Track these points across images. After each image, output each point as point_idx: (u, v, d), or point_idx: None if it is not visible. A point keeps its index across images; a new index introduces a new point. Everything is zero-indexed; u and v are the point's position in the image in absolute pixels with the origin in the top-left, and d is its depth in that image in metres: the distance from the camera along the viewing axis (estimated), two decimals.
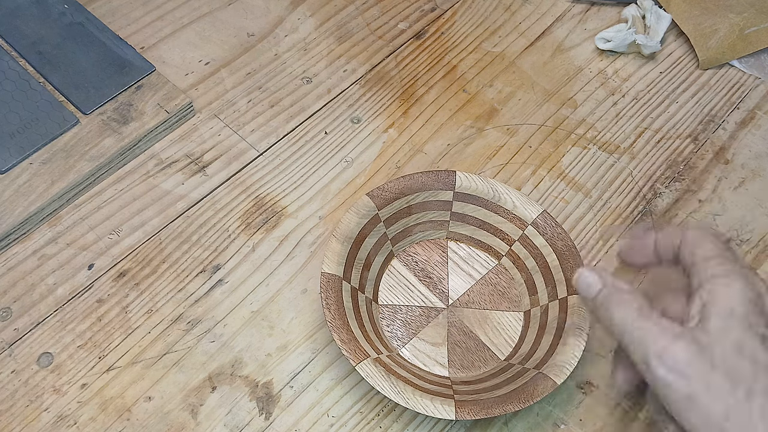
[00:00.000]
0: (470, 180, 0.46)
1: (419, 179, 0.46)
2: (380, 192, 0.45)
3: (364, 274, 0.45)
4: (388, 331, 0.45)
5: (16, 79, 0.53)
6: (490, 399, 0.39)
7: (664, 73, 0.58)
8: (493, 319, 0.46)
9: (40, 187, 0.49)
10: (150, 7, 0.60)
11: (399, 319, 0.45)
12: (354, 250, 0.44)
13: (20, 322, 0.45)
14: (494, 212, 0.47)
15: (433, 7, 0.62)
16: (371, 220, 0.45)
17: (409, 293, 0.46)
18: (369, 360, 0.40)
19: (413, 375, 0.41)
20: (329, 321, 0.41)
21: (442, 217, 0.47)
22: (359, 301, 0.44)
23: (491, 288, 0.47)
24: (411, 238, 0.48)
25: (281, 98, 0.56)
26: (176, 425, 0.42)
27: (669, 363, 0.33)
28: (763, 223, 0.51)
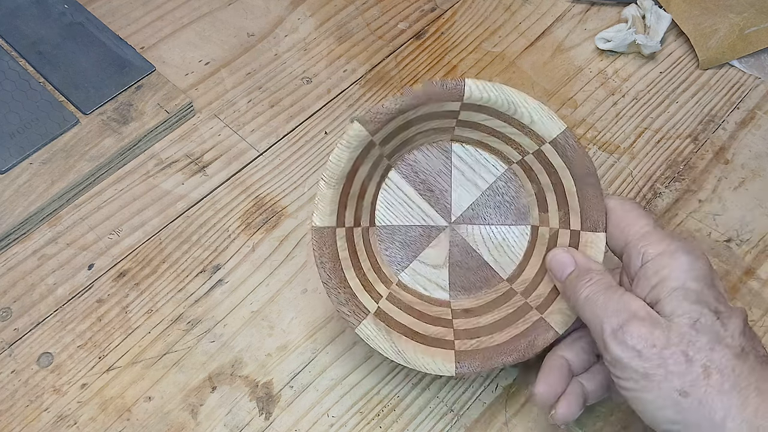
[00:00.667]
0: (482, 90, 0.40)
1: (420, 94, 0.40)
2: (373, 116, 0.39)
3: (359, 204, 0.41)
4: (387, 255, 0.42)
5: (16, 79, 0.53)
6: (490, 348, 0.38)
7: (664, 73, 0.58)
8: (498, 234, 0.42)
9: (40, 187, 0.49)
10: (150, 7, 0.60)
11: (398, 240, 0.42)
12: (347, 188, 0.40)
13: (20, 322, 0.45)
14: (508, 123, 0.41)
15: (433, 7, 0.62)
16: (364, 149, 0.40)
17: (408, 211, 0.42)
18: (369, 318, 0.38)
19: (415, 315, 0.40)
20: (324, 281, 0.39)
21: (447, 124, 0.42)
22: (355, 239, 0.41)
23: (498, 198, 0.43)
24: (411, 146, 0.42)
25: (281, 98, 0.56)
26: (176, 425, 0.42)
27: (624, 341, 0.33)
28: (763, 223, 0.51)
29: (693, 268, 0.34)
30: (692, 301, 0.33)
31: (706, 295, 0.34)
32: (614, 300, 0.35)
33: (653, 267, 0.35)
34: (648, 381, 0.32)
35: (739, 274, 0.49)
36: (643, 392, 0.33)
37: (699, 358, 0.32)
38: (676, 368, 0.32)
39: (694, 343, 0.32)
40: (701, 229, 0.50)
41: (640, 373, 0.32)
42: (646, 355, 0.32)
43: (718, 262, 0.49)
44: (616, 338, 0.33)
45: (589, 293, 0.35)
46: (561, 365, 0.38)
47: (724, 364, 0.32)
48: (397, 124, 0.40)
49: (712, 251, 0.50)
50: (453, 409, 0.43)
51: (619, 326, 0.33)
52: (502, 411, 0.43)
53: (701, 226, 0.51)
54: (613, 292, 0.35)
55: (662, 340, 0.32)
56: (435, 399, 0.43)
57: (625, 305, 0.34)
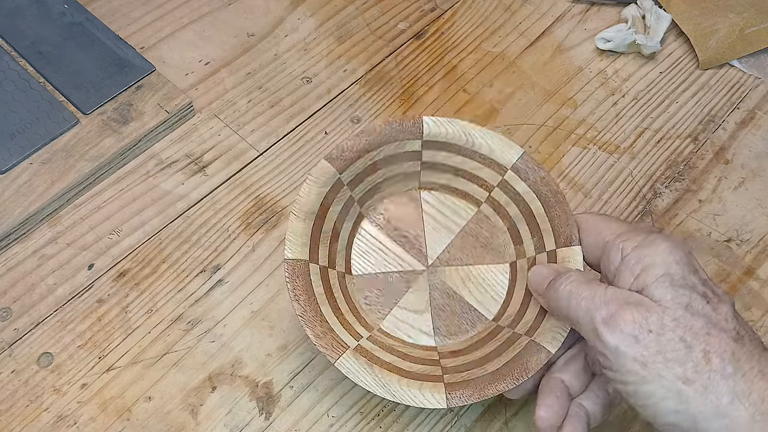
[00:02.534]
0: (439, 125, 0.41)
1: (382, 132, 0.41)
2: (340, 153, 0.40)
3: (332, 247, 0.41)
4: (366, 304, 0.41)
5: (16, 79, 0.53)
6: (482, 378, 0.37)
7: (664, 73, 0.58)
8: (478, 275, 0.42)
9: (40, 187, 0.49)
10: (150, 7, 0.60)
11: (376, 288, 0.42)
12: (318, 224, 0.40)
13: (20, 322, 0.45)
14: (469, 158, 0.42)
15: (433, 7, 0.62)
16: (333, 187, 0.41)
17: (384, 258, 0.42)
18: (349, 352, 0.37)
19: (397, 356, 0.38)
20: (300, 314, 0.37)
21: (412, 168, 0.42)
22: (330, 280, 0.40)
23: (473, 240, 0.43)
24: (380, 194, 0.43)
25: (281, 98, 0.56)
26: (176, 425, 0.42)
27: (619, 328, 0.32)
28: (763, 223, 0.51)
29: (674, 253, 0.33)
30: (680, 285, 0.32)
31: (692, 280, 0.33)
32: (600, 290, 0.34)
33: (635, 257, 0.34)
34: (647, 370, 0.31)
35: (739, 274, 0.49)
36: (643, 384, 0.31)
37: (697, 343, 0.31)
38: (676, 354, 0.31)
39: (690, 328, 0.31)
40: (701, 229, 0.50)
41: (638, 361, 0.31)
42: (644, 342, 0.31)
43: (718, 262, 0.49)
44: (609, 326, 0.32)
45: (571, 288, 0.35)
46: (559, 387, 0.37)
47: (723, 348, 0.31)
48: (364, 164, 0.41)
49: (712, 251, 0.50)
50: (453, 409, 0.43)
51: (610, 314, 0.32)
52: (502, 411, 0.43)
53: (701, 226, 0.51)
54: (597, 285, 0.34)
55: (657, 324, 0.31)
56: None
57: (613, 294, 0.33)
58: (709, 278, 0.34)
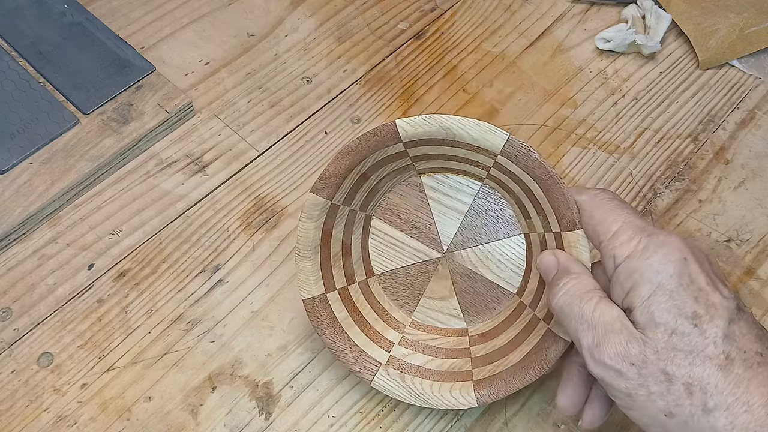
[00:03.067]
0: (415, 125, 0.39)
1: (359, 147, 0.39)
2: (324, 183, 0.40)
3: (346, 262, 0.42)
4: (394, 300, 0.43)
5: (16, 79, 0.53)
6: (507, 371, 0.38)
7: (664, 73, 0.58)
8: (495, 251, 0.42)
9: (40, 187, 0.49)
10: (150, 7, 0.60)
11: (400, 283, 0.43)
12: (325, 254, 0.41)
13: (20, 322, 0.45)
14: (457, 147, 0.40)
15: (433, 7, 0.62)
16: (329, 213, 0.40)
17: (401, 252, 0.43)
18: (381, 370, 0.39)
19: (429, 353, 0.40)
20: (330, 347, 0.40)
21: (403, 163, 0.41)
22: (353, 297, 0.41)
23: (483, 217, 0.42)
24: (381, 192, 0.43)
25: (281, 98, 0.56)
26: (176, 425, 0.42)
27: (603, 361, 0.32)
28: (763, 223, 0.51)
29: (664, 268, 0.32)
30: (666, 309, 0.32)
31: (682, 298, 0.32)
32: (588, 311, 0.33)
33: (624, 271, 0.33)
34: (632, 400, 0.32)
35: (739, 274, 0.49)
36: (631, 410, 0.32)
37: (679, 375, 0.31)
38: (657, 388, 0.31)
39: (672, 359, 0.31)
40: (701, 229, 0.50)
41: (623, 392, 0.32)
42: (626, 375, 0.31)
43: (718, 262, 0.49)
44: (594, 358, 0.32)
45: (563, 304, 0.34)
46: (578, 373, 0.37)
47: (706, 380, 0.30)
48: (353, 180, 0.40)
49: (712, 251, 0.50)
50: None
51: (595, 343, 0.32)
52: (502, 411, 0.43)
53: (701, 226, 0.51)
54: (588, 300, 0.34)
55: (639, 357, 0.31)
56: None
57: (600, 317, 0.33)
58: (713, 278, 0.33)
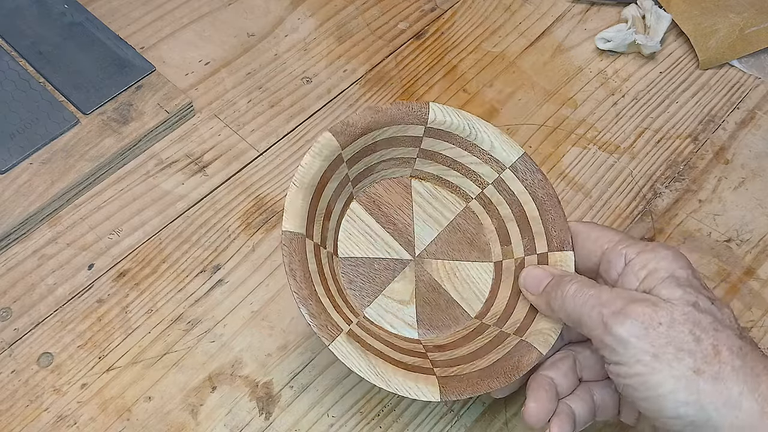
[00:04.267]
0: (445, 114, 0.41)
1: (388, 112, 0.40)
2: (344, 127, 0.39)
3: (325, 224, 0.40)
4: (351, 289, 0.40)
5: (16, 79, 0.53)
6: (474, 373, 0.36)
7: (664, 73, 0.58)
8: (463, 270, 0.42)
9: (40, 187, 0.49)
10: (150, 7, 0.60)
11: (362, 273, 0.40)
12: (315, 200, 0.39)
13: (20, 322, 0.45)
14: (469, 152, 0.42)
15: (433, 7, 0.62)
16: (333, 162, 0.39)
17: (371, 242, 0.41)
18: (343, 335, 0.36)
19: (385, 344, 0.37)
20: (295, 291, 0.35)
21: (409, 154, 0.42)
22: (322, 259, 0.39)
23: (460, 235, 0.42)
24: (372, 177, 0.42)
25: (281, 98, 0.56)
26: (176, 425, 0.42)
27: (629, 319, 0.32)
28: (763, 223, 0.51)
29: (677, 259, 0.35)
30: (686, 285, 0.33)
31: (696, 283, 0.34)
32: (606, 290, 0.34)
33: (639, 262, 0.35)
34: (658, 361, 0.31)
35: (739, 274, 0.49)
36: (653, 374, 0.32)
37: (706, 336, 0.32)
38: (686, 346, 0.31)
39: (698, 323, 0.32)
40: (701, 229, 0.50)
41: (648, 352, 0.32)
42: (654, 333, 0.32)
43: (718, 262, 0.49)
44: (619, 318, 0.32)
45: (576, 289, 0.35)
46: (548, 384, 0.37)
47: (732, 343, 0.32)
48: (365, 143, 0.40)
49: (712, 251, 0.50)
50: (453, 409, 0.43)
51: (619, 309, 0.33)
52: (502, 411, 0.43)
53: (701, 226, 0.51)
54: (601, 286, 0.35)
55: (667, 318, 0.32)
56: None
57: (620, 292, 0.34)
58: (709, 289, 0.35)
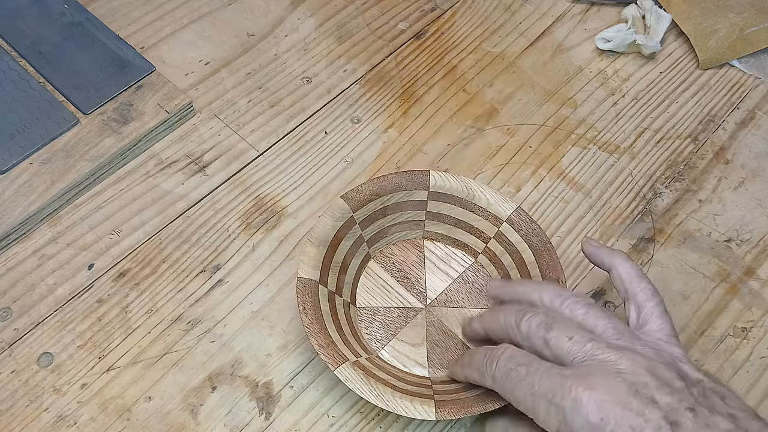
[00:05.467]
0: (444, 179, 0.46)
1: (393, 180, 0.46)
2: (354, 194, 0.45)
3: (341, 277, 0.45)
4: (367, 334, 0.44)
5: (16, 79, 0.53)
6: (470, 398, 0.39)
7: (664, 73, 0.58)
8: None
9: (40, 187, 0.49)
10: (150, 7, 0.60)
11: (377, 321, 0.45)
12: (330, 254, 0.44)
13: (20, 322, 0.45)
14: (469, 210, 0.47)
15: (433, 7, 0.62)
16: (346, 223, 0.45)
17: (386, 294, 0.46)
18: (348, 364, 0.40)
19: (393, 377, 0.41)
20: (306, 326, 0.40)
21: (418, 216, 0.47)
22: (336, 305, 0.43)
23: (468, 286, 0.47)
24: (387, 239, 0.47)
25: (281, 98, 0.56)
26: (176, 425, 0.42)
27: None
28: (763, 223, 0.51)
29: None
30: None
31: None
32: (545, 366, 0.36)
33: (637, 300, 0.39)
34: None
35: (739, 274, 0.49)
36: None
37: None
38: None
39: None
40: (701, 229, 0.50)
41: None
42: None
43: (718, 262, 0.49)
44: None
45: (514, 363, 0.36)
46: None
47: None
48: (375, 207, 0.46)
49: (712, 251, 0.50)
50: None
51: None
52: None
53: (701, 226, 0.51)
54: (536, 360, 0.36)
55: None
56: None
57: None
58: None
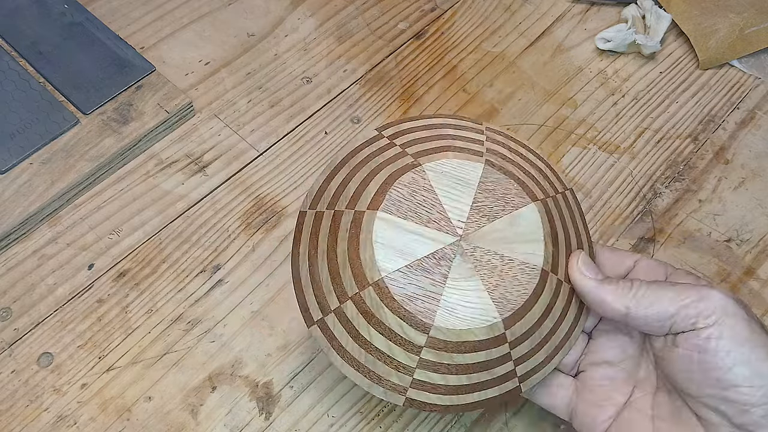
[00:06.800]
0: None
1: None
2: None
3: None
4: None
5: (16, 79, 0.53)
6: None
7: (664, 73, 0.58)
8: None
9: (40, 187, 0.49)
10: (150, 7, 0.60)
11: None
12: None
13: (20, 322, 0.45)
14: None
15: (433, 7, 0.62)
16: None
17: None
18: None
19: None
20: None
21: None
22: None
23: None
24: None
25: (281, 98, 0.56)
26: (176, 425, 0.42)
27: (719, 290, 0.33)
28: (763, 223, 0.51)
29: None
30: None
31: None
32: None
33: (683, 271, 0.37)
34: (751, 326, 0.33)
35: (739, 274, 0.49)
36: (751, 336, 0.33)
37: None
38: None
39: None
40: (701, 229, 0.50)
41: (744, 318, 0.33)
42: (741, 303, 0.34)
43: (718, 262, 0.49)
44: (709, 289, 0.34)
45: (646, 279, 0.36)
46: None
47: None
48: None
49: (712, 251, 0.50)
50: None
51: (703, 284, 0.34)
52: (502, 411, 0.43)
53: (701, 226, 0.51)
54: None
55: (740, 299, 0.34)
56: None
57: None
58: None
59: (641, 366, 0.37)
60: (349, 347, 0.36)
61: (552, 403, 0.38)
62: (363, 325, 0.36)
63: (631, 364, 0.37)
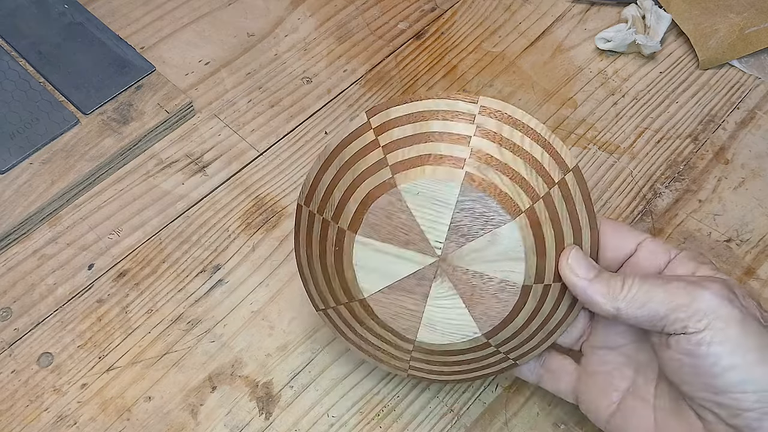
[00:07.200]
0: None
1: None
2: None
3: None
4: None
5: (16, 79, 0.53)
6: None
7: (664, 73, 0.58)
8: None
9: (40, 187, 0.49)
10: (150, 7, 0.60)
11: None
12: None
13: (20, 322, 0.45)
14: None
15: (433, 7, 0.62)
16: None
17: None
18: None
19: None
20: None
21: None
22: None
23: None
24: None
25: (281, 98, 0.56)
26: (176, 425, 0.42)
27: (715, 286, 0.32)
28: (763, 223, 0.51)
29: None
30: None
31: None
32: (666, 277, 0.35)
33: (687, 256, 0.37)
34: (743, 326, 0.32)
35: (739, 274, 0.49)
36: (744, 337, 0.32)
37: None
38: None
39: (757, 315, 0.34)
40: (701, 229, 0.50)
41: (736, 318, 0.32)
42: (736, 303, 0.33)
43: (718, 262, 0.49)
44: (702, 286, 0.33)
45: (641, 276, 0.35)
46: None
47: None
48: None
49: (712, 251, 0.50)
50: (453, 409, 0.43)
51: (698, 282, 0.34)
52: (502, 411, 0.43)
53: (701, 226, 0.51)
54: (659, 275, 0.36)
55: (740, 292, 0.34)
56: (435, 399, 0.43)
57: (683, 277, 0.35)
58: None
59: (642, 351, 0.37)
60: (351, 336, 0.40)
61: (557, 388, 0.39)
62: (357, 327, 0.39)
63: (631, 349, 0.37)
